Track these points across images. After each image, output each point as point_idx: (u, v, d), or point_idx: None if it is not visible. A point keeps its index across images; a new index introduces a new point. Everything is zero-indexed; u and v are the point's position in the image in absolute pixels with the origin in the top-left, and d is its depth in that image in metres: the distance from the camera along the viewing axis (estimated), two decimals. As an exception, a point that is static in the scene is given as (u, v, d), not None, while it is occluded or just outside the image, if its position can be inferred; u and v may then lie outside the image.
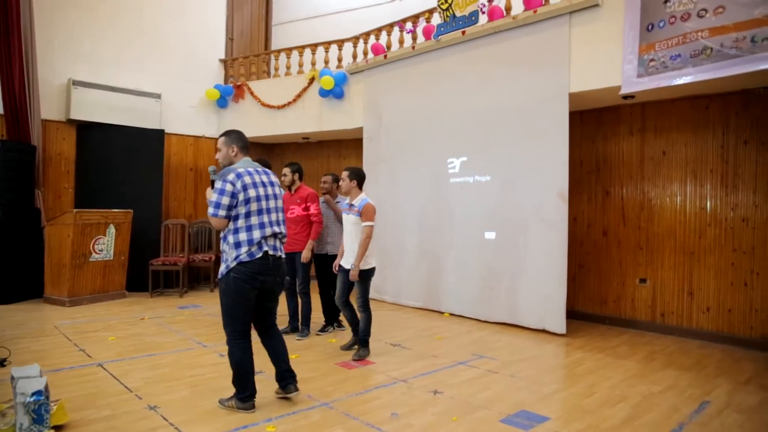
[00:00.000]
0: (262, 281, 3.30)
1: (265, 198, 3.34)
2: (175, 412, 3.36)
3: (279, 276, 3.45)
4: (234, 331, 3.33)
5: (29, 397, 2.43)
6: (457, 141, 6.62)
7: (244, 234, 3.24)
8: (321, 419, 3.33)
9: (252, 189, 3.27)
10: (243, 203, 3.24)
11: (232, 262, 3.24)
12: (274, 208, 3.40)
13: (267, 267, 3.31)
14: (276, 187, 3.46)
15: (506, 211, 6.08)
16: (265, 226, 3.30)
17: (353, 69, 7.88)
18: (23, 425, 2.42)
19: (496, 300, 6.14)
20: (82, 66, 7.74)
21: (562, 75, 5.63)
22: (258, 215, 3.28)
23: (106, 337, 5.23)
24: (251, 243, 3.23)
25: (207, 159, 9.11)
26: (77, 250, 6.72)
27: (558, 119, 5.65)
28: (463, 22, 6.52)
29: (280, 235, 3.42)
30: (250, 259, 3.23)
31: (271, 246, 3.34)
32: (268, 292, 3.42)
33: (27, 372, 2.69)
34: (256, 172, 3.36)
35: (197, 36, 9.05)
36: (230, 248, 3.26)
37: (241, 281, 3.23)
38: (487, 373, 4.32)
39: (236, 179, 3.23)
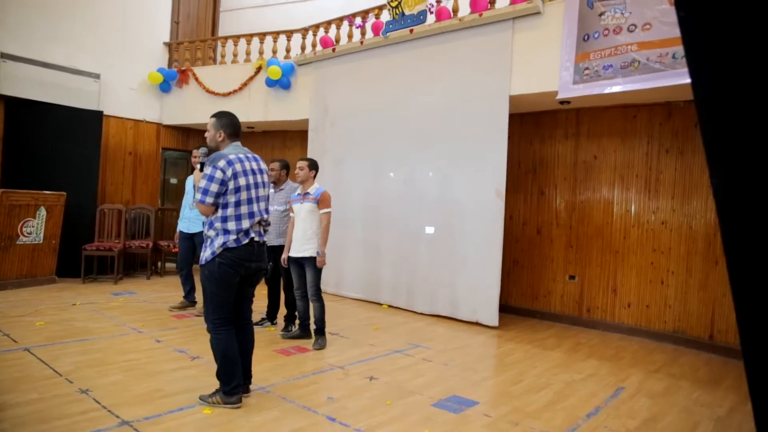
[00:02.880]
0: (246, 267, 3.29)
1: (255, 186, 3.33)
2: (108, 396, 3.32)
3: (262, 261, 3.45)
4: (218, 318, 3.25)
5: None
6: (401, 136, 6.75)
7: (233, 223, 3.22)
8: (258, 402, 3.38)
9: (242, 177, 3.25)
10: (233, 192, 3.22)
11: (218, 249, 3.20)
12: (263, 197, 3.42)
13: (252, 253, 3.31)
14: (264, 175, 3.46)
15: (445, 206, 6.27)
16: (254, 216, 3.30)
17: (301, 60, 7.88)
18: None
19: (432, 293, 6.32)
20: (12, 38, 7.34)
21: (504, 77, 5.85)
22: (248, 204, 3.28)
23: (33, 322, 5.05)
24: (239, 230, 3.22)
25: (147, 143, 8.87)
26: (3, 232, 6.43)
27: (498, 120, 5.87)
28: (411, 20, 6.66)
29: (264, 222, 3.42)
30: (237, 246, 3.22)
31: (257, 232, 3.34)
32: (250, 278, 3.41)
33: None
34: (246, 159, 3.33)
35: (141, 16, 8.77)
36: (217, 234, 3.22)
37: (226, 266, 3.20)
38: (421, 361, 4.48)
39: (227, 167, 3.20)
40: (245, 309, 3.52)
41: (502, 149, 5.81)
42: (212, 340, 3.29)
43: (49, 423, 2.89)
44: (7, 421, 2.85)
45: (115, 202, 8.26)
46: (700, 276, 5.39)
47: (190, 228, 5.78)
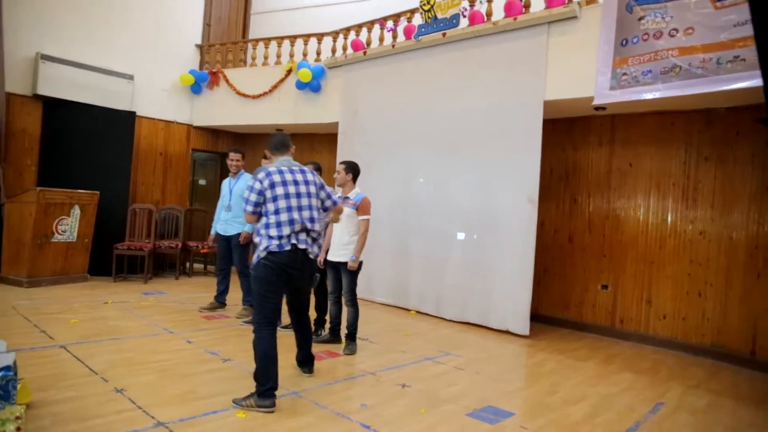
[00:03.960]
0: (290, 274, 3.42)
1: (296, 196, 3.47)
2: (142, 396, 3.33)
3: (307, 271, 3.57)
4: (263, 318, 3.39)
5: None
6: (432, 140, 6.71)
7: (274, 230, 3.38)
8: (291, 407, 3.35)
9: (280, 187, 3.43)
10: (271, 200, 3.41)
11: (262, 252, 3.39)
12: (307, 206, 3.50)
13: (295, 260, 3.42)
14: (310, 186, 3.56)
15: (476, 212, 6.20)
16: (294, 223, 3.41)
17: (331, 63, 7.88)
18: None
19: (462, 300, 6.25)
20: (52, 41, 7.50)
21: (539, 83, 5.77)
22: (288, 212, 3.41)
23: (67, 319, 5.11)
24: (280, 235, 3.37)
25: (178, 144, 8.97)
26: (39, 230, 6.53)
27: (532, 126, 5.79)
28: (444, 24, 6.62)
29: (312, 231, 3.51)
30: (279, 251, 3.36)
31: (302, 240, 3.46)
32: (297, 287, 3.65)
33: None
34: (289, 171, 3.51)
35: (174, 19, 8.89)
36: (261, 239, 3.42)
37: (270, 270, 3.36)
38: (453, 370, 4.42)
39: (265, 178, 3.43)
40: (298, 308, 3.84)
41: (536, 155, 5.72)
42: (255, 339, 3.39)
43: (87, 421, 2.90)
44: (46, 418, 2.87)
45: (146, 202, 8.35)
46: (740, 289, 5.23)
47: (227, 230, 5.80)
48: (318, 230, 3.57)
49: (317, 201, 3.61)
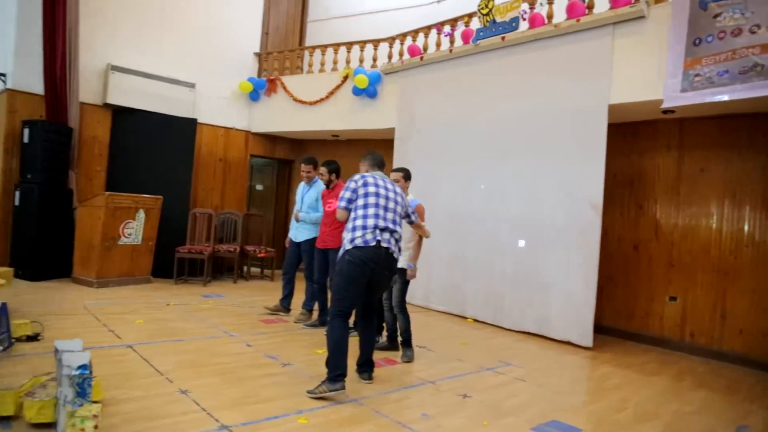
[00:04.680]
0: (372, 268, 3.58)
1: (385, 198, 3.74)
2: (205, 398, 3.36)
3: (388, 268, 3.72)
4: (338, 310, 3.60)
5: (74, 370, 2.45)
6: (490, 146, 6.59)
7: (360, 220, 3.63)
8: (352, 415, 3.32)
9: (372, 187, 3.74)
10: (362, 196, 3.70)
11: (348, 245, 3.60)
12: (392, 209, 3.76)
13: (379, 256, 3.60)
14: (398, 196, 3.85)
15: (537, 219, 6.03)
16: (379, 218, 3.64)
17: (388, 69, 7.88)
18: (67, 397, 2.44)
19: (521, 309, 6.09)
20: (121, 52, 7.82)
21: (603, 86, 5.58)
22: (375, 207, 3.67)
23: (133, 320, 5.27)
24: (365, 228, 3.59)
25: (237, 150, 9.18)
26: (107, 233, 6.79)
27: (596, 130, 5.60)
28: (503, 27, 6.50)
29: (395, 233, 3.73)
30: (364, 245, 3.56)
31: (386, 239, 3.65)
32: (376, 283, 3.72)
33: (70, 346, 2.72)
34: (382, 180, 3.84)
35: (233, 29, 9.12)
36: (347, 232, 3.67)
37: (353, 264, 3.56)
38: (513, 381, 4.29)
39: (359, 179, 3.78)
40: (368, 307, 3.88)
41: (600, 161, 5.53)
42: (328, 328, 3.62)
43: (154, 421, 2.95)
44: (117, 416, 2.93)
45: (206, 207, 8.57)
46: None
47: (297, 236, 5.86)
48: (400, 232, 3.79)
49: (402, 209, 3.87)
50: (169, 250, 7.60)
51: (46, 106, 7.15)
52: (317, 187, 5.81)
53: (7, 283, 4.70)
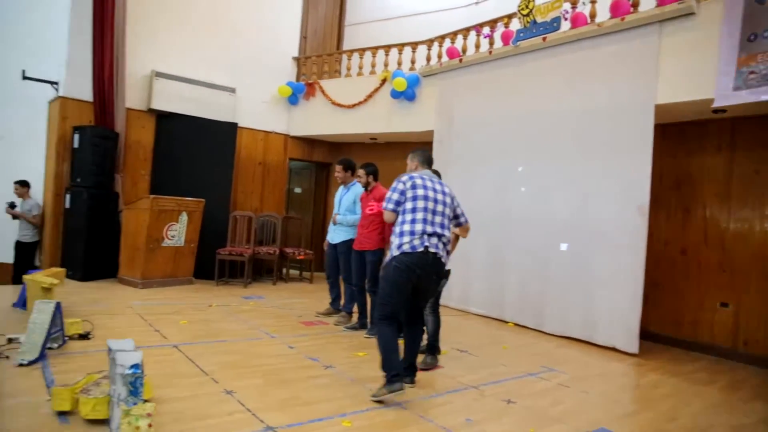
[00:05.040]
0: (419, 274, 3.53)
1: (433, 201, 3.65)
2: (250, 399, 3.40)
3: (436, 273, 3.68)
4: (382, 314, 3.59)
5: (127, 369, 2.51)
6: (531, 148, 6.49)
7: (407, 225, 3.57)
8: (395, 419, 3.30)
9: (421, 189, 3.65)
10: (410, 199, 3.62)
11: (395, 251, 3.58)
12: (441, 212, 3.67)
13: (426, 262, 3.54)
14: (447, 197, 3.75)
15: (579, 222, 5.91)
16: (427, 223, 3.56)
17: (426, 71, 7.86)
18: (121, 395, 2.50)
19: (563, 313, 5.97)
20: (164, 58, 8.02)
21: (649, 86, 5.43)
22: (423, 212, 3.59)
23: (177, 320, 5.37)
24: (413, 234, 3.53)
25: (275, 154, 9.30)
26: (151, 235, 6.95)
27: (641, 131, 5.45)
28: (544, 28, 6.40)
29: (443, 237, 3.65)
30: (412, 251, 3.51)
31: (434, 244, 3.57)
32: (423, 289, 3.66)
33: (122, 345, 2.78)
34: (430, 180, 3.74)
35: (272, 34, 9.25)
36: (395, 237, 3.63)
37: (399, 270, 3.52)
38: (558, 387, 4.20)
39: (408, 180, 3.69)
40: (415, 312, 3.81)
41: (646, 163, 5.38)
42: (377, 334, 3.63)
43: (202, 420, 3.00)
44: (165, 415, 2.99)
45: (245, 210, 8.70)
46: None
47: (334, 238, 5.89)
48: (449, 236, 3.71)
49: (450, 211, 3.78)
50: (210, 251, 7.74)
51: (94, 112, 7.39)
52: (354, 190, 5.83)
53: (60, 283, 4.85)
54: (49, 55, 7.54)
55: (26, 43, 7.73)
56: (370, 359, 4.52)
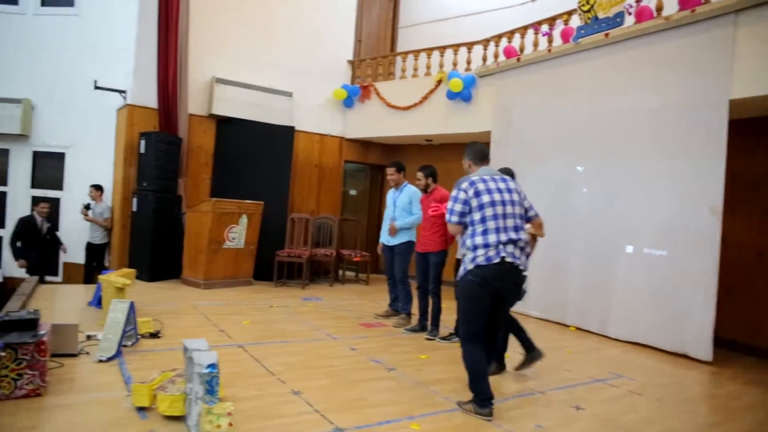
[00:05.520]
0: (497, 287, 3.30)
1: (501, 204, 3.34)
2: (318, 400, 3.42)
3: (515, 284, 3.45)
4: (467, 333, 3.37)
5: (205, 368, 2.56)
6: (593, 147, 6.30)
7: (479, 238, 3.30)
8: (464, 423, 3.26)
9: (486, 195, 3.33)
10: (477, 209, 3.33)
11: (469, 264, 3.31)
12: (512, 214, 3.37)
13: (503, 273, 3.28)
14: (513, 194, 3.42)
15: (646, 223, 5.69)
16: (500, 231, 3.30)
17: (483, 72, 7.76)
18: (198, 393, 2.56)
19: (630, 318, 5.76)
20: (224, 65, 8.24)
21: (723, 80, 5.17)
22: (494, 220, 3.31)
23: (240, 320, 5.49)
24: (487, 247, 3.27)
25: (331, 156, 9.40)
26: (213, 237, 7.13)
27: (714, 128, 5.20)
28: (606, 23, 6.21)
29: (519, 242, 3.35)
30: (487, 264, 3.25)
31: (510, 254, 3.29)
32: (502, 300, 3.42)
33: (197, 345, 2.85)
34: (492, 180, 3.41)
35: (328, 38, 9.35)
36: (467, 251, 3.36)
37: (476, 285, 3.28)
38: (629, 394, 4.05)
39: (469, 187, 3.36)
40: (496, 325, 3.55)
41: (719, 161, 5.13)
42: (462, 352, 3.40)
43: (271, 420, 3.04)
44: (236, 414, 3.02)
45: (302, 212, 8.82)
46: None
47: (390, 240, 5.89)
48: (525, 239, 3.41)
49: (521, 209, 3.46)
50: (268, 253, 7.87)
51: (159, 118, 7.67)
52: (407, 191, 5.84)
53: (131, 283, 5.04)
54: (117, 65, 7.86)
55: (97, 54, 8.08)
56: (433, 362, 4.50)
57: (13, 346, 3.00)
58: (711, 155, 5.19)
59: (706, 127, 5.26)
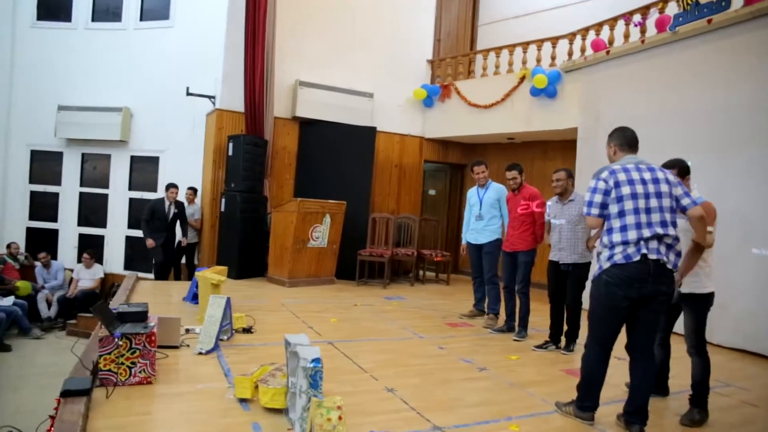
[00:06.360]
0: (638, 288, 2.92)
1: (645, 197, 2.96)
2: (413, 398, 3.40)
3: (663, 285, 2.95)
4: (593, 337, 3.12)
5: (309, 362, 2.60)
6: (693, 143, 5.91)
7: (618, 235, 2.97)
8: (563, 425, 3.15)
9: (626, 186, 2.98)
10: (615, 201, 3.00)
11: (605, 263, 3.01)
12: (657, 208, 2.95)
13: (646, 273, 2.91)
14: (661, 185, 3.00)
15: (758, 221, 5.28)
16: (642, 227, 2.92)
17: (569, 67, 7.51)
18: (302, 387, 2.61)
19: (728, 322, 5.36)
20: (307, 68, 8.44)
21: None
22: (634, 214, 2.94)
23: (327, 317, 5.58)
24: (626, 244, 2.93)
25: (411, 156, 9.41)
26: (298, 236, 7.29)
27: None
28: (709, 9, 5.82)
29: (666, 237, 2.93)
30: (626, 262, 2.92)
31: (654, 249, 2.90)
32: (647, 301, 2.97)
33: (299, 340, 2.91)
34: (636, 169, 3.04)
35: (407, 38, 9.39)
36: (604, 248, 3.05)
37: (612, 285, 2.96)
38: (741, 405, 3.78)
39: (609, 176, 3.05)
40: (642, 337, 3.08)
41: None
42: (584, 353, 3.17)
43: (370, 416, 3.05)
44: (338, 409, 3.08)
45: (382, 212, 8.87)
46: None
47: (478, 239, 5.81)
48: (674, 235, 2.96)
49: (670, 201, 2.99)
50: (349, 252, 7.96)
51: (245, 121, 7.96)
52: (495, 188, 5.77)
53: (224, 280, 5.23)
54: (208, 72, 8.23)
55: (189, 63, 8.49)
56: (524, 363, 4.39)
57: (128, 336, 3.18)
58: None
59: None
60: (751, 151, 5.38)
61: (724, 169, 5.60)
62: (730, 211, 5.49)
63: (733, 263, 5.43)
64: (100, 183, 9.24)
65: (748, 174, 5.39)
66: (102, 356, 3.14)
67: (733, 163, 5.53)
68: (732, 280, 5.42)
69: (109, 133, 8.80)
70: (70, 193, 9.24)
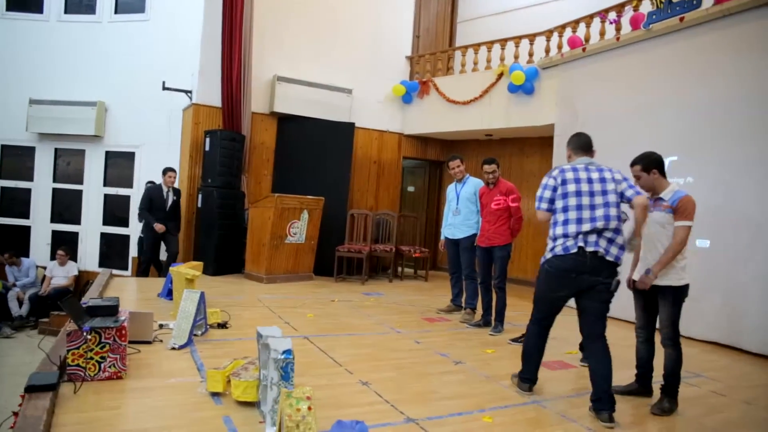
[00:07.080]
0: (575, 278, 3.17)
1: (589, 194, 3.20)
2: (387, 391, 3.39)
3: (600, 275, 3.14)
4: (532, 316, 3.48)
5: (280, 354, 2.58)
6: (667, 139, 5.99)
7: (560, 228, 3.24)
8: (536, 417, 3.17)
9: (572, 184, 3.25)
10: (561, 197, 3.28)
11: (548, 253, 3.32)
12: (602, 204, 3.17)
13: (583, 264, 3.14)
14: (607, 183, 3.22)
15: (726, 217, 5.38)
16: (582, 222, 3.16)
17: (546, 63, 7.57)
18: (273, 379, 2.58)
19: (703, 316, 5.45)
20: (285, 63, 8.37)
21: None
22: (576, 210, 3.20)
23: (304, 313, 5.54)
24: (566, 237, 3.20)
25: (390, 152, 9.40)
26: (276, 232, 7.24)
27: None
28: (681, 7, 5.91)
29: (607, 232, 3.15)
30: (564, 254, 3.19)
31: (592, 242, 3.13)
32: (585, 292, 3.20)
33: (271, 332, 2.88)
34: (585, 170, 3.30)
35: (386, 35, 9.37)
36: (549, 240, 3.35)
37: (552, 275, 3.27)
38: (711, 394, 3.85)
39: (558, 174, 3.32)
40: (591, 324, 3.25)
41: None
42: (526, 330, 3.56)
43: (343, 409, 3.02)
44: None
45: (361, 208, 8.85)
46: None
47: (455, 234, 5.82)
48: (617, 226, 3.17)
49: (615, 197, 3.20)
50: (327, 248, 7.93)
51: (223, 116, 7.87)
52: (472, 183, 5.79)
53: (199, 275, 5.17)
54: (184, 66, 8.13)
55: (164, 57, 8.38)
56: (500, 357, 4.41)
57: (98, 330, 3.12)
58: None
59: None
60: (725, 146, 5.46)
61: (689, 169, 5.69)
62: (707, 207, 5.60)
63: (693, 257, 5.53)
64: (74, 179, 9.08)
65: (722, 169, 5.47)
66: (70, 351, 3.07)
67: (698, 161, 5.61)
68: (697, 274, 5.52)
69: (83, 128, 8.65)
70: (43, 189, 9.06)
